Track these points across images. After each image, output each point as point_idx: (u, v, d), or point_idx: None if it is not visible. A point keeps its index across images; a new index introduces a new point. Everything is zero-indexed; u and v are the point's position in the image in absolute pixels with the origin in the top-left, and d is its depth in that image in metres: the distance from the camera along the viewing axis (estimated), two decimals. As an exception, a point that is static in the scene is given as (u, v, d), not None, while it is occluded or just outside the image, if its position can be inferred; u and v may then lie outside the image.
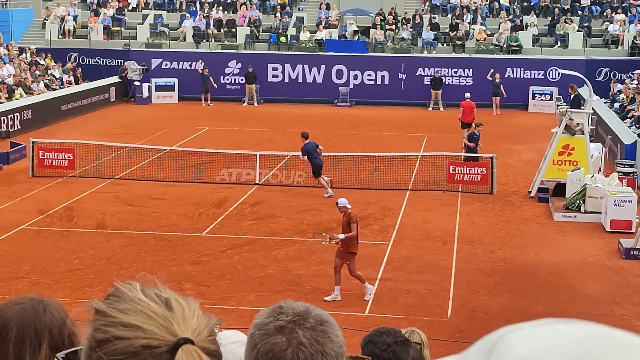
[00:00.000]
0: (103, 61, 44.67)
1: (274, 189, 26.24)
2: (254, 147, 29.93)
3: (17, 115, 34.18)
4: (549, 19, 46.20)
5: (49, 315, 2.61)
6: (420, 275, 18.85)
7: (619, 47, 44.07)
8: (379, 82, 43.32)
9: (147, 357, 1.84)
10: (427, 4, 48.32)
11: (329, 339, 2.22)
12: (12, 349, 2.53)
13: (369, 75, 43.40)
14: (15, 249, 20.22)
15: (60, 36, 46.43)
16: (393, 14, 46.53)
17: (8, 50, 41.29)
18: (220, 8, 47.82)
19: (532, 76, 42.46)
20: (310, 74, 43.78)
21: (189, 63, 43.89)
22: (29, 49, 42.72)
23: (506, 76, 41.95)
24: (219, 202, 24.57)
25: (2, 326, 2.56)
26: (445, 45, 45.14)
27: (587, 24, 45.50)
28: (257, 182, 26.66)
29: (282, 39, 45.55)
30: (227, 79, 43.87)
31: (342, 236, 17.20)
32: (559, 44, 44.45)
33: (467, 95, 34.97)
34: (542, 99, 41.78)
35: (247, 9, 47.41)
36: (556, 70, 40.36)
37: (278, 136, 34.51)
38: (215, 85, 42.67)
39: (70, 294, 17.29)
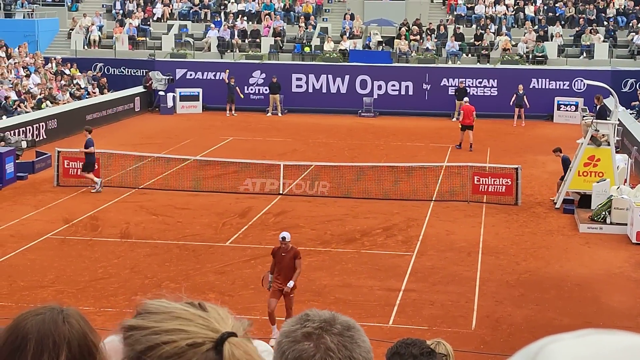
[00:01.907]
0: (128, 71, 44.90)
1: (298, 199, 26.24)
2: (277, 157, 29.97)
3: (42, 125, 34.41)
4: (575, 29, 46.02)
5: (68, 327, 2.56)
6: (444, 286, 18.77)
7: (645, 58, 43.84)
8: (403, 92, 43.27)
9: (192, 357, 1.87)
10: (452, 14, 48.29)
11: (356, 344, 2.22)
12: None
13: (393, 85, 43.37)
14: (41, 257, 20.31)
15: (85, 46, 46.75)
16: (417, 25, 46.52)
17: (34, 60, 41.58)
18: (245, 18, 47.98)
19: (558, 87, 42.28)
20: (334, 84, 43.80)
21: (214, 73, 44.04)
22: (55, 59, 43.02)
23: (531, 87, 41.81)
24: (243, 212, 24.60)
25: (21, 338, 2.52)
26: (469, 55, 45.07)
27: (612, 34, 45.30)
28: (280, 192, 26.67)
29: (306, 49, 45.63)
30: (251, 89, 43.97)
31: (292, 284, 15.90)
32: (585, 54, 44.26)
33: (466, 99, 36.82)
34: (567, 110, 41.58)
35: (271, 20, 47.54)
36: (581, 81, 40.19)
37: (302, 146, 34.54)
38: (241, 95, 42.78)
39: (95, 303, 17.35)
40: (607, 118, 26.38)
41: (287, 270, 16.04)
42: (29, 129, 33.41)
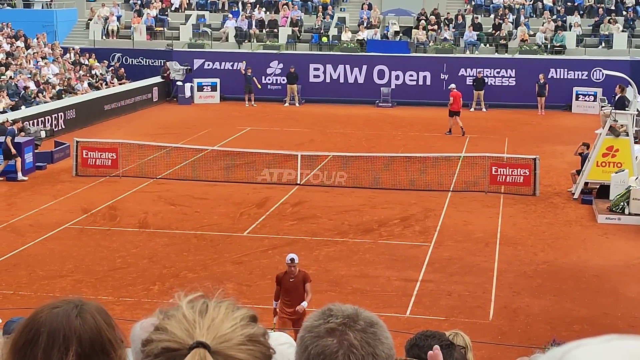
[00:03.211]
0: (146, 61, 44.96)
1: (315, 189, 26.25)
2: (295, 148, 29.96)
3: (61, 115, 34.54)
4: (593, 19, 45.75)
5: (80, 321, 2.52)
6: (461, 277, 18.75)
7: (665, 48, 43.54)
8: (420, 82, 43.16)
9: (164, 359, 1.92)
10: (470, 4, 48.07)
11: (379, 340, 2.23)
12: (41, 354, 2.47)
13: (411, 75, 43.27)
14: (60, 247, 20.41)
15: (104, 36, 46.82)
16: (435, 14, 46.36)
17: (52, 50, 41.71)
18: (262, 8, 47.95)
19: (576, 77, 42.08)
20: (351, 74, 43.73)
21: (231, 63, 44.05)
22: (73, 49, 43.12)
23: (550, 77, 41.64)
24: (260, 202, 24.63)
25: (34, 331, 2.51)
26: (487, 45, 44.88)
27: (631, 24, 45.01)
28: (298, 182, 26.68)
29: (324, 39, 45.55)
30: (269, 79, 43.96)
31: (305, 304, 14.39)
32: (603, 44, 44.01)
33: (453, 85, 37.53)
34: (585, 100, 41.40)
35: (288, 9, 47.49)
36: (600, 71, 39.97)
37: (319, 136, 34.52)
38: (259, 85, 42.80)
39: (113, 293, 17.43)
40: (626, 108, 26.23)
41: (297, 296, 14.54)
42: (48, 118, 33.55)
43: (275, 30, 46.32)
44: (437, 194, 25.69)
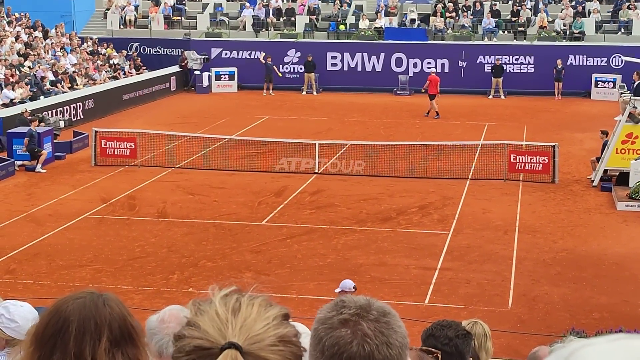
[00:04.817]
0: (164, 51, 45.04)
1: (333, 177, 26.25)
2: (313, 136, 29.97)
3: (79, 105, 34.68)
4: (612, 5, 45.47)
5: (108, 309, 2.63)
6: (480, 265, 18.72)
7: (685, 34, 43.22)
8: (439, 70, 42.97)
9: (195, 358, 1.93)
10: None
11: (392, 330, 2.24)
12: (72, 342, 2.55)
13: (429, 63, 43.15)
14: (79, 237, 20.51)
15: (121, 26, 46.91)
16: (453, 1, 46.18)
17: (70, 40, 41.83)
18: (280, -3, 47.92)
19: (595, 63, 41.87)
20: (369, 62, 43.67)
21: (249, 52, 44.09)
22: (91, 39, 43.24)
23: (568, 63, 41.47)
24: (279, 191, 24.66)
25: (63, 321, 2.58)
26: (506, 32, 44.69)
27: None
28: (316, 171, 26.69)
29: (341, 27, 45.47)
30: (287, 68, 43.95)
31: None
32: (623, 30, 43.73)
33: (433, 70, 39.74)
34: (605, 87, 41.19)
35: (306, -2, 47.42)
36: (619, 57, 39.77)
37: (337, 125, 34.51)
38: (279, 73, 42.81)
39: (132, 282, 17.51)
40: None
41: None
42: (67, 108, 33.68)
43: (293, 18, 46.28)
44: (455, 182, 25.64)
